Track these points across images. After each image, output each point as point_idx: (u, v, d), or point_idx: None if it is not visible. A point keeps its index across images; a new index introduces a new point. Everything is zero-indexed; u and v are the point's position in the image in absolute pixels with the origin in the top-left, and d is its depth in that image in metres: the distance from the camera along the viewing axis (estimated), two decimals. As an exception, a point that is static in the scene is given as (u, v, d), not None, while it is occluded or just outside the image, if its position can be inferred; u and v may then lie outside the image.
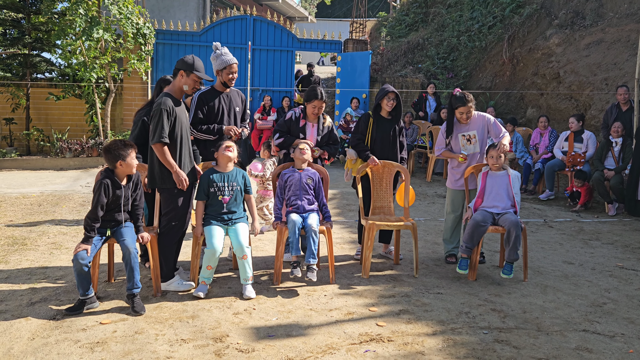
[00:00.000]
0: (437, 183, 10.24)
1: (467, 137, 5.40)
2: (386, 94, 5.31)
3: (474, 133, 5.39)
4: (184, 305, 4.17)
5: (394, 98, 5.30)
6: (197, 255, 4.59)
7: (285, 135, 5.22)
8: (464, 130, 5.41)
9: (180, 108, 4.41)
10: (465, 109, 5.26)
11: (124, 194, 4.11)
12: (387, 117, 5.42)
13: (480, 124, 5.40)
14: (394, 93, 5.29)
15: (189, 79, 4.37)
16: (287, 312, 4.09)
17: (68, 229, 6.35)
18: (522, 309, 4.28)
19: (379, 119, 5.42)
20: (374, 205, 5.36)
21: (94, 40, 10.34)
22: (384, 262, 5.49)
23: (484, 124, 5.40)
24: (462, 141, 5.42)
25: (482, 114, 5.44)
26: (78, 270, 3.87)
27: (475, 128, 5.39)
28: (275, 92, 13.35)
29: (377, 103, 5.43)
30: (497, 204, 5.00)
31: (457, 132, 5.43)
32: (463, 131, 5.41)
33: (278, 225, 4.76)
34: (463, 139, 5.41)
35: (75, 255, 3.86)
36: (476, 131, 5.38)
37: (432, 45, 14.55)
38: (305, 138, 5.20)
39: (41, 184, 9.12)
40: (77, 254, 3.86)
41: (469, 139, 5.40)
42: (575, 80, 11.15)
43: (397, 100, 5.33)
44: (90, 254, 3.92)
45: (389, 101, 5.32)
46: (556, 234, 6.84)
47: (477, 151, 5.40)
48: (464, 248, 4.89)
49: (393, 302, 4.36)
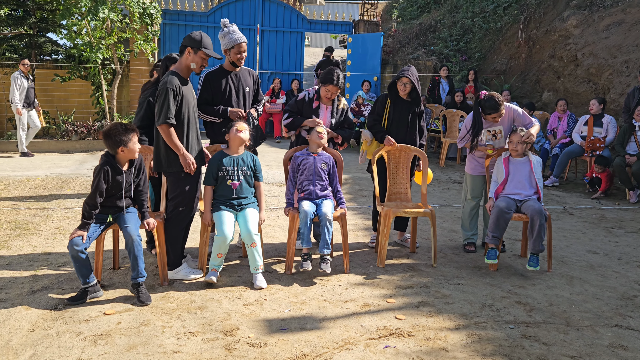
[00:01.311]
0: (451, 168, 9.97)
1: (493, 132, 5.13)
2: (400, 77, 5.04)
3: (499, 128, 5.11)
4: (191, 295, 3.97)
5: (407, 82, 5.01)
6: (205, 242, 4.38)
7: (294, 116, 4.98)
8: (489, 126, 5.13)
9: (187, 87, 4.17)
10: (497, 114, 4.94)
11: (126, 180, 3.89)
12: (406, 98, 5.15)
13: (506, 118, 5.10)
14: (407, 78, 5.00)
15: (197, 57, 4.12)
16: (300, 303, 3.88)
17: (73, 213, 6.15)
18: (549, 302, 4.05)
19: (397, 100, 5.15)
20: (390, 191, 5.11)
21: (99, 20, 10.08)
22: (399, 250, 5.26)
23: (510, 118, 5.10)
24: (487, 137, 5.14)
25: (508, 106, 5.12)
26: (74, 257, 3.67)
27: (501, 123, 5.10)
28: (284, 75, 13.06)
29: (392, 83, 5.15)
30: (520, 190, 4.75)
31: (483, 127, 5.15)
32: (488, 127, 5.13)
33: (290, 212, 4.54)
34: (488, 134, 5.14)
35: (70, 242, 3.66)
36: (502, 127, 5.10)
37: (445, 26, 14.18)
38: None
39: (46, 167, 8.93)
40: (71, 240, 3.65)
41: (494, 134, 5.13)
42: (593, 62, 10.79)
43: (413, 87, 5.04)
44: (87, 240, 3.71)
45: (401, 85, 5.05)
46: (577, 221, 6.58)
47: (502, 146, 5.13)
48: (491, 238, 4.63)
49: (412, 294, 4.14)
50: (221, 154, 4.35)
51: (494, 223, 4.61)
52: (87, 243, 3.71)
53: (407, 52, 13.65)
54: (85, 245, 3.68)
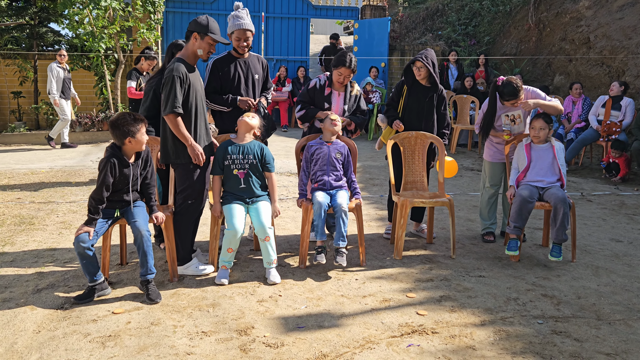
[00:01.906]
0: (462, 155, 9.76)
1: (511, 117, 4.92)
2: (414, 61, 4.82)
3: (518, 113, 4.90)
4: (203, 291, 3.81)
5: (421, 66, 4.80)
6: (216, 236, 4.22)
7: (307, 107, 4.77)
8: (507, 110, 4.92)
9: (195, 75, 3.98)
10: (516, 100, 4.73)
11: (133, 173, 3.71)
12: (425, 84, 4.94)
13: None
14: (420, 62, 4.79)
15: (203, 42, 3.92)
16: (316, 299, 3.72)
17: (78, 206, 6.00)
18: (576, 294, 3.87)
19: (414, 85, 4.94)
20: (406, 180, 4.92)
21: (101, 8, 9.88)
22: (415, 240, 5.09)
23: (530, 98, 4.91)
24: (506, 121, 4.93)
25: (527, 89, 4.90)
26: (81, 254, 3.50)
27: (520, 108, 4.89)
28: (290, 62, 12.83)
29: (407, 67, 4.94)
30: (542, 177, 4.55)
31: (500, 112, 4.95)
32: (506, 111, 4.93)
33: (303, 203, 4.36)
34: (507, 119, 4.93)
35: (76, 238, 3.50)
36: (521, 111, 4.89)
37: (452, 10, 13.88)
38: (330, 108, 4.75)
39: (50, 160, 8.78)
40: (77, 236, 3.49)
41: (513, 119, 4.92)
42: (607, 45, 10.51)
43: (429, 71, 4.81)
44: (94, 236, 3.55)
45: (415, 69, 4.84)
46: (597, 208, 6.38)
47: (521, 131, 4.93)
48: (513, 228, 4.44)
49: (432, 287, 3.96)
50: (228, 142, 4.17)
51: (516, 212, 4.41)
52: (94, 239, 3.55)
53: (414, 37, 13.38)
54: (92, 242, 3.51)
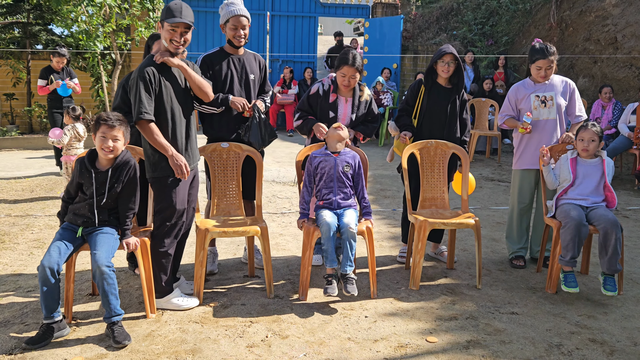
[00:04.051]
0: (480, 163, 9.09)
1: (542, 98, 4.27)
2: (442, 55, 4.18)
3: (551, 95, 4.26)
4: (183, 332, 3.19)
5: (451, 61, 4.17)
6: (202, 262, 3.60)
7: (305, 116, 4.14)
8: (539, 90, 4.29)
9: (170, 73, 3.37)
10: (545, 62, 4.15)
11: (95, 180, 3.13)
12: (445, 85, 4.30)
13: (561, 88, 4.30)
14: (451, 55, 4.16)
15: (164, 31, 3.31)
16: (318, 344, 3.08)
17: (57, 221, 5.40)
18: (631, 339, 3.21)
19: (434, 87, 4.29)
20: (424, 197, 4.27)
21: (96, 5, 9.32)
22: (434, 265, 4.44)
23: (567, 90, 4.31)
24: (536, 102, 4.28)
25: (567, 80, 4.32)
26: (44, 280, 2.92)
27: (554, 90, 4.28)
28: (296, 63, 12.21)
29: (430, 66, 4.29)
30: (587, 196, 3.88)
31: (531, 91, 4.32)
32: (538, 91, 4.29)
33: (304, 224, 3.73)
34: (537, 100, 4.28)
35: (42, 261, 2.94)
36: (554, 93, 4.26)
37: (468, 9, 13.21)
38: (336, 117, 4.10)
39: (39, 166, 8.22)
40: (44, 259, 2.93)
41: (544, 100, 4.26)
42: (636, 45, 9.81)
43: (458, 65, 4.20)
44: (58, 256, 2.99)
45: (443, 65, 4.19)
46: (635, 226, 5.70)
47: (551, 117, 4.28)
48: (568, 259, 3.71)
49: (456, 328, 3.31)
50: None
51: (572, 240, 3.68)
52: (60, 260, 2.97)
53: (427, 37, 12.73)
54: (57, 264, 2.94)
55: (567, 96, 4.29)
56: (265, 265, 3.69)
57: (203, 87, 3.48)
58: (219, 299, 3.65)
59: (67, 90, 7.66)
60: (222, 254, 4.53)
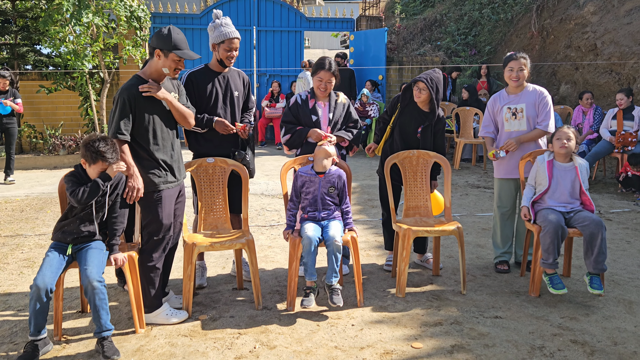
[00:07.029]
0: (467, 170, 9.20)
1: (513, 110, 4.40)
2: (417, 81, 4.30)
3: (521, 107, 4.38)
4: (172, 346, 3.23)
5: (423, 88, 4.28)
6: (190, 276, 3.65)
7: (293, 129, 4.24)
8: (512, 102, 4.42)
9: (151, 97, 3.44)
10: (515, 63, 4.32)
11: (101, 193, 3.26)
12: (423, 107, 4.41)
13: (532, 99, 4.41)
14: (423, 83, 4.26)
15: (168, 60, 3.38)
16: (305, 354, 3.14)
17: (47, 240, 5.44)
18: (612, 339, 3.29)
19: (410, 105, 4.42)
20: (408, 205, 4.36)
21: (83, 25, 9.40)
22: (420, 272, 4.51)
23: (536, 100, 4.40)
24: (507, 114, 4.43)
25: (540, 89, 4.43)
26: (37, 298, 2.96)
27: (525, 101, 4.40)
28: (284, 77, 12.33)
29: (409, 85, 4.42)
30: (564, 202, 3.98)
31: (504, 103, 4.45)
32: (511, 103, 4.42)
33: (290, 236, 3.80)
34: (508, 112, 4.42)
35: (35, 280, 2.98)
36: (525, 105, 4.38)
37: (451, 20, 13.42)
38: (318, 121, 4.22)
39: (29, 186, 8.23)
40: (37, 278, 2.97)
41: (514, 112, 4.39)
42: (615, 51, 10.00)
43: (430, 93, 4.27)
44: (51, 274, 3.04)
45: (416, 91, 4.31)
46: (618, 228, 5.80)
47: (522, 129, 4.41)
48: (551, 262, 3.82)
49: (441, 333, 3.38)
50: None
51: (551, 244, 3.78)
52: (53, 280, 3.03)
53: (412, 49, 12.89)
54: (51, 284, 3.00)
55: (536, 105, 4.40)
56: (253, 278, 3.76)
57: (187, 116, 3.58)
58: (207, 312, 3.70)
59: (6, 108, 8.41)
60: (212, 268, 4.59)
